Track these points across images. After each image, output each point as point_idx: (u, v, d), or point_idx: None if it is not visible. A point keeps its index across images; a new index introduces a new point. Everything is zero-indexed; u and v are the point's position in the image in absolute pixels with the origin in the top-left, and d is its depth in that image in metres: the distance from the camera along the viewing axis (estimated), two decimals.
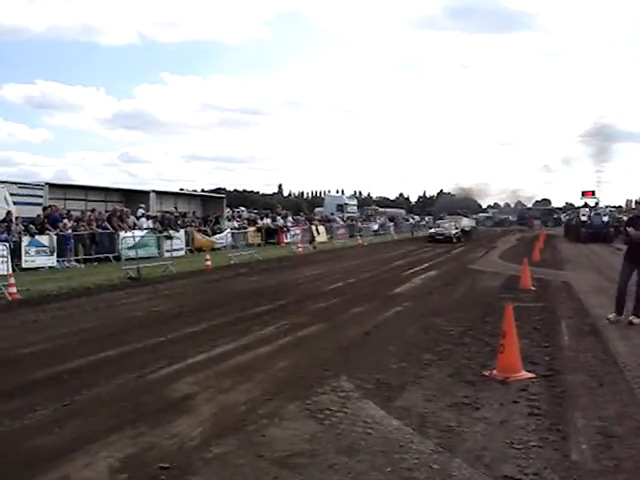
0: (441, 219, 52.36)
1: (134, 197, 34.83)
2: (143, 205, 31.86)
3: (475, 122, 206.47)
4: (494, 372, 7.64)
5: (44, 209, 25.21)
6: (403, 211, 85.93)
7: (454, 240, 40.59)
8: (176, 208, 34.33)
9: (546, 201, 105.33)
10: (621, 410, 6.41)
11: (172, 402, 6.70)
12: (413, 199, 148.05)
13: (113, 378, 7.63)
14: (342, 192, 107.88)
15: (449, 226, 43.61)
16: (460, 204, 67.04)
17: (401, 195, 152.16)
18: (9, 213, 23.32)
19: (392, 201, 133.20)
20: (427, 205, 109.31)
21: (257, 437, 5.60)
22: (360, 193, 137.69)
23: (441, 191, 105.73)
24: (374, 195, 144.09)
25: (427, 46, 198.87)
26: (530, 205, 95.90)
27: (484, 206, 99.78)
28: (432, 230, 45.02)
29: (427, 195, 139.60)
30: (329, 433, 5.71)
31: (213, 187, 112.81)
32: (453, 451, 5.26)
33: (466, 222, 48.46)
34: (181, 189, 59.77)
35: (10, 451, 5.36)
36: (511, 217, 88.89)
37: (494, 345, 8.67)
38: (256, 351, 9.10)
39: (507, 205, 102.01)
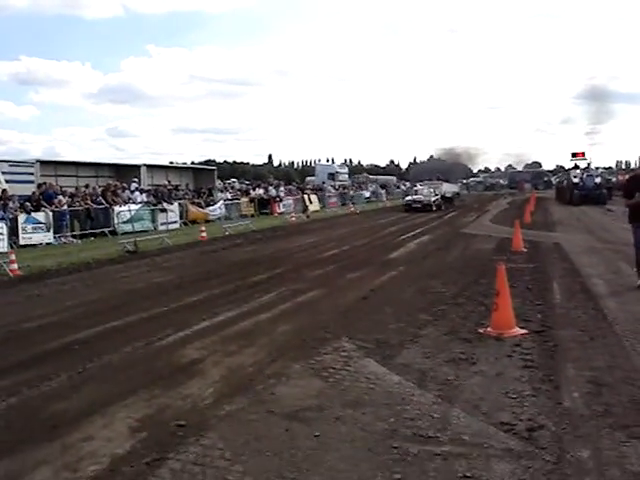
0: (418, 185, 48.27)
1: (125, 172, 34.91)
2: (136, 179, 31.99)
3: (464, 86, 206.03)
4: (489, 329, 7.95)
5: (39, 186, 25.33)
6: (394, 178, 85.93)
7: (434, 208, 37.66)
8: (169, 181, 34.39)
9: (536, 164, 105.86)
10: (611, 361, 6.73)
11: (182, 366, 6.98)
12: (404, 166, 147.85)
13: (122, 346, 7.90)
14: (332, 161, 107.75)
15: (428, 193, 40.27)
16: (449, 169, 66.45)
17: (392, 162, 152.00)
18: (4, 191, 23.45)
19: (383, 168, 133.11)
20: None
21: (266, 395, 5.90)
22: (350, 161, 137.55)
23: (431, 157, 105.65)
24: (364, 163, 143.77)
25: (414, 11, 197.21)
26: (520, 168, 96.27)
27: (475, 171, 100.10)
28: (408, 197, 41.23)
29: (418, 161, 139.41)
30: (334, 389, 6.01)
31: (203, 159, 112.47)
32: (452, 402, 5.57)
33: (446, 188, 45.87)
34: (171, 162, 59.86)
35: (32, 416, 5.64)
36: (502, 181, 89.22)
37: (488, 305, 8.98)
38: (258, 317, 9.38)
39: (497, 169, 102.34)
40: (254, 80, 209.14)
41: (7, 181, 26.64)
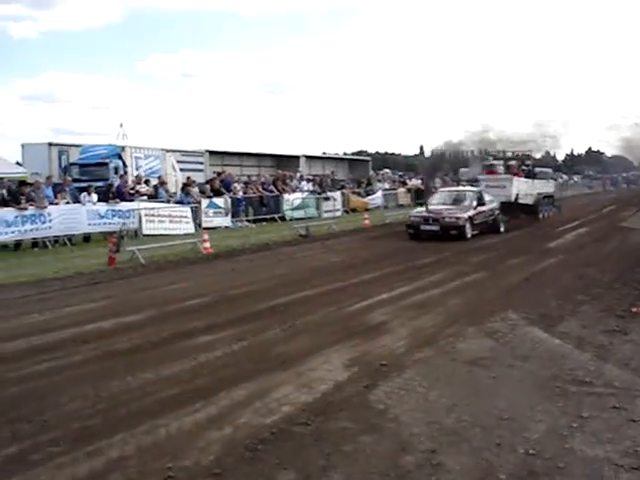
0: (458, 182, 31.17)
1: (285, 162, 37.26)
2: (301, 169, 34.13)
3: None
4: None
5: (218, 174, 27.83)
6: (550, 170, 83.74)
7: (468, 232, 19.06)
8: (333, 172, 36.35)
9: None
10: None
11: (373, 325, 8.48)
12: (560, 157, 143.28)
13: (318, 310, 9.51)
14: (485, 152, 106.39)
15: (474, 197, 20.44)
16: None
17: (547, 153, 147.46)
18: (188, 178, 26.11)
19: (538, 160, 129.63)
20: (576, 164, 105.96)
21: (448, 348, 7.27)
22: (504, 152, 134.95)
23: (589, 149, 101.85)
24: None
25: None
26: None
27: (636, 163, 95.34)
28: (422, 210, 20.71)
29: (575, 153, 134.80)
30: (504, 347, 7.29)
31: (355, 150, 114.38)
32: (605, 360, 6.72)
33: (530, 187, 25.13)
34: (324, 152, 61.89)
35: (263, 355, 7.28)
36: None
37: None
38: (430, 292, 10.75)
39: None
40: None
41: (181, 170, 29.50)
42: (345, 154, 71.60)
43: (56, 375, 6.66)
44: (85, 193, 20.50)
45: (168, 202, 22.93)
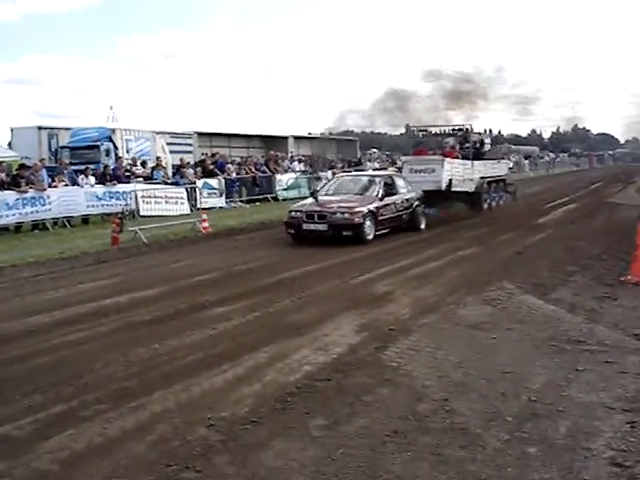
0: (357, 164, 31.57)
1: (273, 142, 37.56)
2: (292, 150, 34.51)
3: None
4: (629, 277, 9.45)
5: (212, 155, 28.18)
6: (537, 148, 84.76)
7: (368, 233, 14.47)
8: (324, 152, 36.77)
9: None
10: None
11: (378, 296, 9.00)
12: (546, 135, 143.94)
13: (323, 282, 10.02)
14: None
15: (379, 186, 15.75)
16: None
17: (533, 132, 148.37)
18: (182, 160, 26.45)
19: (524, 138, 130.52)
20: (562, 142, 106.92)
21: (450, 314, 7.81)
22: (491, 131, 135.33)
23: (575, 126, 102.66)
24: (505, 133, 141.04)
25: None
26: None
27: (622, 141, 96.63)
28: (307, 203, 15.94)
29: (561, 131, 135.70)
30: (502, 312, 7.84)
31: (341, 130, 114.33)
32: (597, 322, 7.29)
33: (469, 170, 20.18)
34: (309, 133, 62.00)
35: (277, 323, 7.76)
36: None
37: (630, 261, 10.41)
38: (428, 265, 11.30)
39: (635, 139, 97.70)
40: None
41: (170, 151, 29.77)
42: (331, 134, 71.91)
43: (85, 345, 7.10)
44: (82, 175, 20.82)
45: (165, 184, 23.29)
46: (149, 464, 4.21)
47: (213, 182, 25.21)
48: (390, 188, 15.77)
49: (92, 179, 20.91)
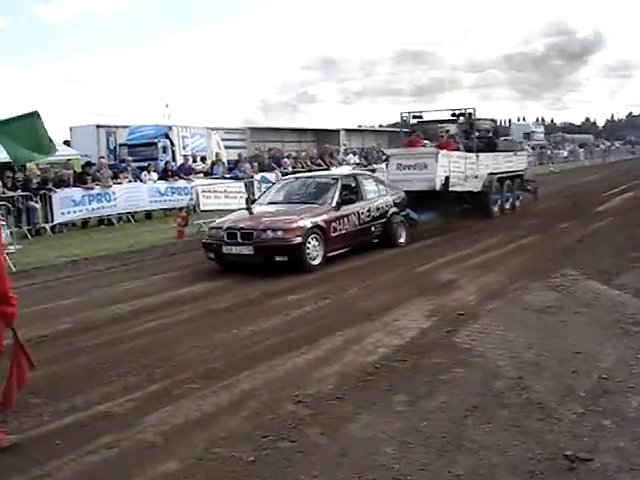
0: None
1: (325, 136, 37.83)
2: (346, 143, 34.79)
3: None
4: None
5: (269, 150, 28.63)
6: (591, 136, 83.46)
7: (314, 257, 10.81)
8: (379, 144, 36.98)
9: None
10: None
11: (443, 283, 9.26)
12: (600, 123, 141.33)
13: (389, 271, 10.31)
14: (524, 119, 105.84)
15: (335, 190, 12.01)
16: None
17: (587, 120, 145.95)
18: (239, 155, 26.94)
19: (577, 127, 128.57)
20: (616, 129, 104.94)
21: (516, 300, 8.03)
22: (543, 120, 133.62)
23: (630, 113, 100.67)
24: (558, 122, 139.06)
25: None
26: None
27: None
28: (232, 218, 11.91)
29: (615, 119, 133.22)
30: (568, 298, 8.01)
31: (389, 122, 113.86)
32: None
33: (472, 165, 16.66)
34: (359, 125, 62.09)
35: (348, 309, 8.07)
36: None
37: None
38: (490, 254, 11.50)
39: None
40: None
41: (225, 147, 30.32)
42: (380, 126, 71.80)
43: (167, 331, 7.53)
44: (145, 172, 21.48)
45: (224, 178, 23.81)
46: (246, 435, 4.56)
47: (270, 176, 25.57)
48: (352, 192, 12.27)
49: (155, 175, 21.53)
